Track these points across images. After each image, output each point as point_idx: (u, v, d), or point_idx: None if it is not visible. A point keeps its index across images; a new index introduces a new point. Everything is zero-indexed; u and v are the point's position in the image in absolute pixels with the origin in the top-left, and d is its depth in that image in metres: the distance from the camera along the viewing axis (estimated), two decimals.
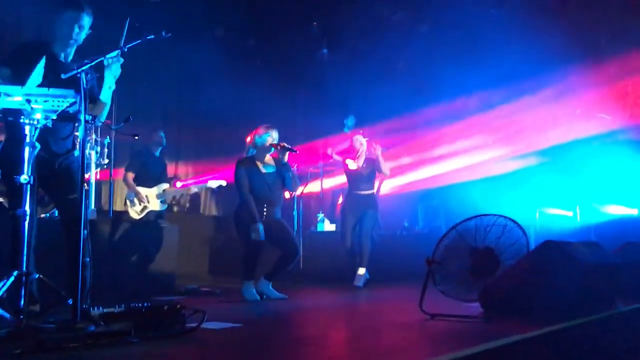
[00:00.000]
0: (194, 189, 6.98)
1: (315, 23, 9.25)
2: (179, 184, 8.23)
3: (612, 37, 8.30)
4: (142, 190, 6.63)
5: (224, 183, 6.87)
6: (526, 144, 8.31)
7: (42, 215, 5.02)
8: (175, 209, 9.01)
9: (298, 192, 7.83)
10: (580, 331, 3.25)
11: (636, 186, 7.87)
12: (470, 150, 8.87)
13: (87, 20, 3.53)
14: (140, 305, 3.03)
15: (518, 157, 7.49)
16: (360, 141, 6.72)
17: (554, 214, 8.43)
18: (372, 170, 6.69)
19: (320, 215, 8.00)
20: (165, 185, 6.77)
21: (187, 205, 9.56)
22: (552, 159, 8.07)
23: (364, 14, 8.59)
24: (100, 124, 3.67)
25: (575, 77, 7.95)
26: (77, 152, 3.59)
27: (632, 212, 7.92)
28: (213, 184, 6.83)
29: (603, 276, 3.88)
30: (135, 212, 6.55)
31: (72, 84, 3.04)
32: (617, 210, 8.05)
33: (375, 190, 6.87)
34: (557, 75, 8.11)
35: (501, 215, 3.95)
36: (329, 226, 7.84)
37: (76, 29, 3.50)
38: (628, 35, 7.98)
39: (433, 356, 2.41)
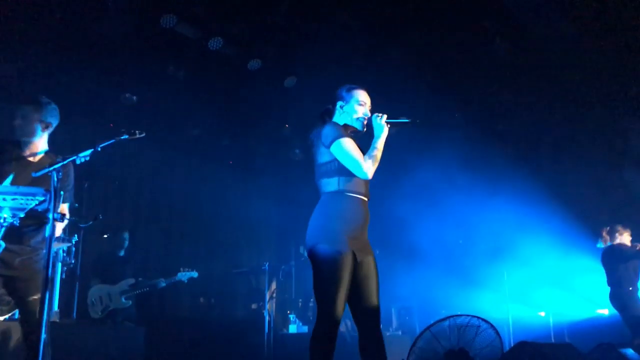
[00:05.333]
0: (162, 283, 6.78)
1: (287, 125, 9.45)
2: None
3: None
4: (106, 288, 6.51)
5: (195, 274, 6.73)
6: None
7: (2, 318, 4.80)
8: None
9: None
10: None
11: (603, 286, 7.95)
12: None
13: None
14: None
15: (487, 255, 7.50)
16: None
17: (526, 313, 8.39)
18: None
19: (292, 316, 7.82)
20: (132, 281, 6.66)
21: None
22: (519, 259, 8.10)
23: None
24: (67, 221, 3.59)
25: None
26: (44, 251, 3.49)
27: (603, 312, 7.95)
28: (183, 276, 6.69)
29: None
30: (95, 313, 6.43)
31: (42, 182, 3.01)
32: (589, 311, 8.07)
33: None
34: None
35: (474, 316, 3.92)
36: (301, 328, 7.63)
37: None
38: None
39: None
